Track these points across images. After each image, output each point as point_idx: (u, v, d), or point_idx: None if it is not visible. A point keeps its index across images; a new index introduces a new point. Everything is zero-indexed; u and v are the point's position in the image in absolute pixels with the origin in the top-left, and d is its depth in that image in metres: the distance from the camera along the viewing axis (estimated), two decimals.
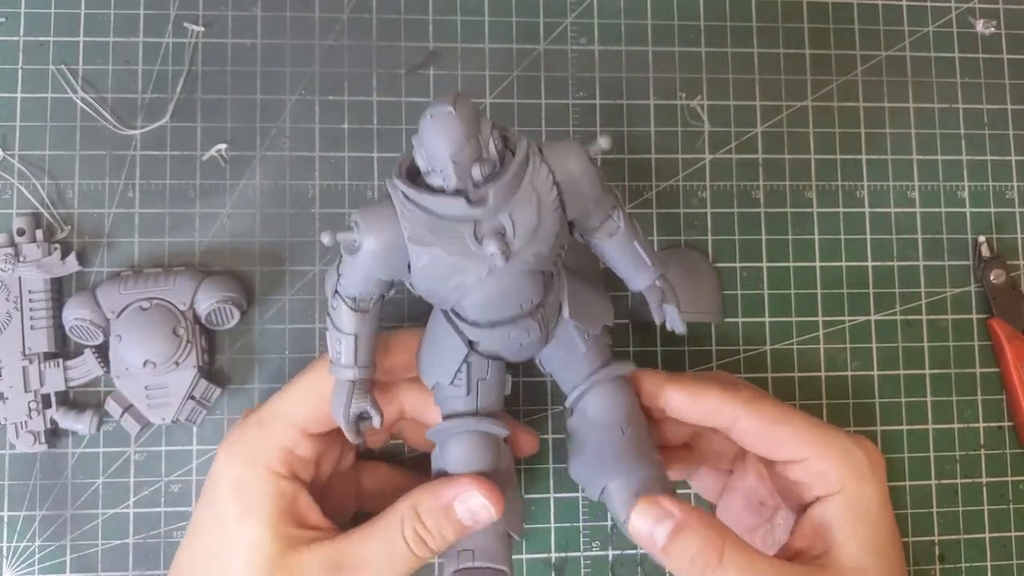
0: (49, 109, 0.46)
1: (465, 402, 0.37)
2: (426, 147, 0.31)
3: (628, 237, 0.36)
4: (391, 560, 0.36)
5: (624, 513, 0.36)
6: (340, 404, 0.36)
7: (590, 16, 0.49)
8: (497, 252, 0.31)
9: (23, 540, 0.44)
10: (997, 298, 0.48)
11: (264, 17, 0.47)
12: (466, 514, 0.36)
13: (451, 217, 0.32)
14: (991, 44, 0.51)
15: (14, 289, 0.43)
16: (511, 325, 0.35)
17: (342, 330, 0.35)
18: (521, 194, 0.32)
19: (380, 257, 0.33)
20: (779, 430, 0.38)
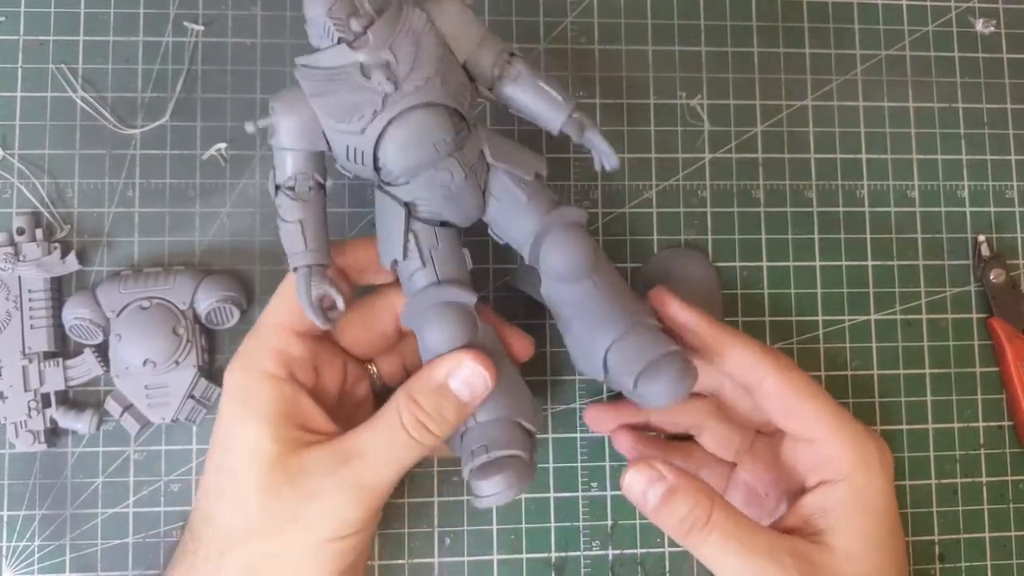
0: (49, 108, 0.46)
1: (424, 274, 0.38)
2: (309, 16, 0.34)
3: (532, 77, 0.38)
4: (393, 450, 0.36)
5: (632, 377, 0.36)
6: (302, 292, 0.37)
7: (590, 16, 0.49)
8: (383, 79, 0.34)
9: (23, 539, 0.44)
10: (997, 297, 0.48)
11: (264, 16, 0.47)
12: (462, 387, 0.36)
13: (340, 65, 0.35)
14: (991, 43, 0.51)
15: (14, 288, 0.43)
16: (432, 170, 0.36)
17: (288, 220, 0.37)
18: (400, 33, 0.35)
19: (296, 128, 0.36)
20: (801, 403, 0.39)
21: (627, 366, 0.37)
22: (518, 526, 0.46)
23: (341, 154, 0.36)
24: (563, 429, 0.47)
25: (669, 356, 0.37)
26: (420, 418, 0.36)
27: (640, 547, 0.46)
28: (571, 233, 0.37)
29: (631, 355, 0.37)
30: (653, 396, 0.36)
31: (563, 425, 0.47)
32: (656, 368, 0.36)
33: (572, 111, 0.38)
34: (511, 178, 0.38)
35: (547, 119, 0.38)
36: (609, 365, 0.37)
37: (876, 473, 0.38)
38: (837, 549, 0.36)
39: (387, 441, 0.36)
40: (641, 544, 0.46)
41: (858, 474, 0.37)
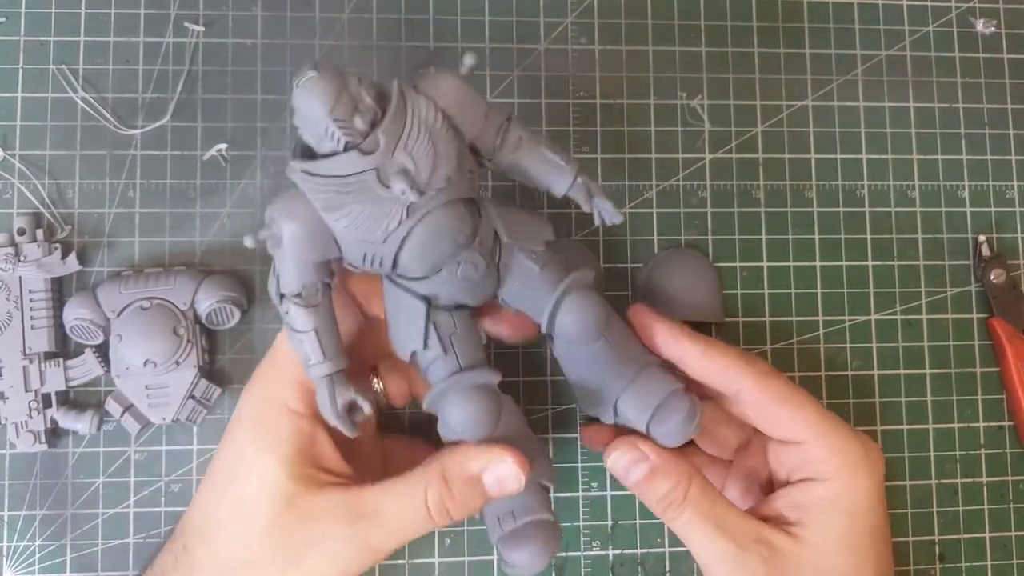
0: (49, 109, 0.46)
1: (446, 363, 0.37)
2: (305, 116, 0.31)
3: (534, 145, 0.37)
4: (410, 519, 0.36)
5: (643, 422, 0.38)
6: (325, 402, 0.35)
7: (590, 16, 0.49)
8: (406, 187, 0.31)
9: (23, 540, 0.44)
10: (997, 298, 0.48)
11: (264, 17, 0.47)
12: (494, 483, 0.36)
13: (353, 173, 0.32)
14: (991, 44, 0.51)
15: (14, 289, 0.43)
16: (454, 264, 0.35)
17: (300, 330, 0.35)
18: (410, 128, 0.32)
19: (303, 239, 0.34)
20: (783, 409, 0.39)
21: (638, 413, 0.38)
22: None
23: (356, 259, 0.35)
24: (563, 429, 0.47)
25: (675, 396, 0.38)
26: (446, 501, 0.36)
27: (640, 547, 0.46)
28: (586, 300, 0.37)
29: (640, 402, 0.38)
30: (666, 438, 0.38)
31: (563, 425, 0.47)
32: (664, 411, 0.37)
33: (576, 176, 0.38)
34: (524, 252, 0.37)
35: (551, 184, 0.38)
36: (620, 412, 0.38)
37: (860, 475, 0.38)
38: (804, 541, 0.37)
39: (406, 511, 0.36)
40: (641, 544, 0.46)
41: (840, 476, 0.38)
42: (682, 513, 0.37)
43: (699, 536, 0.37)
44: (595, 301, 0.38)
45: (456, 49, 0.48)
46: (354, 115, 0.31)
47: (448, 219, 0.34)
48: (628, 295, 0.47)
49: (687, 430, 0.38)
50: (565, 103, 0.48)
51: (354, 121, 0.31)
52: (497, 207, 0.37)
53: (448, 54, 0.48)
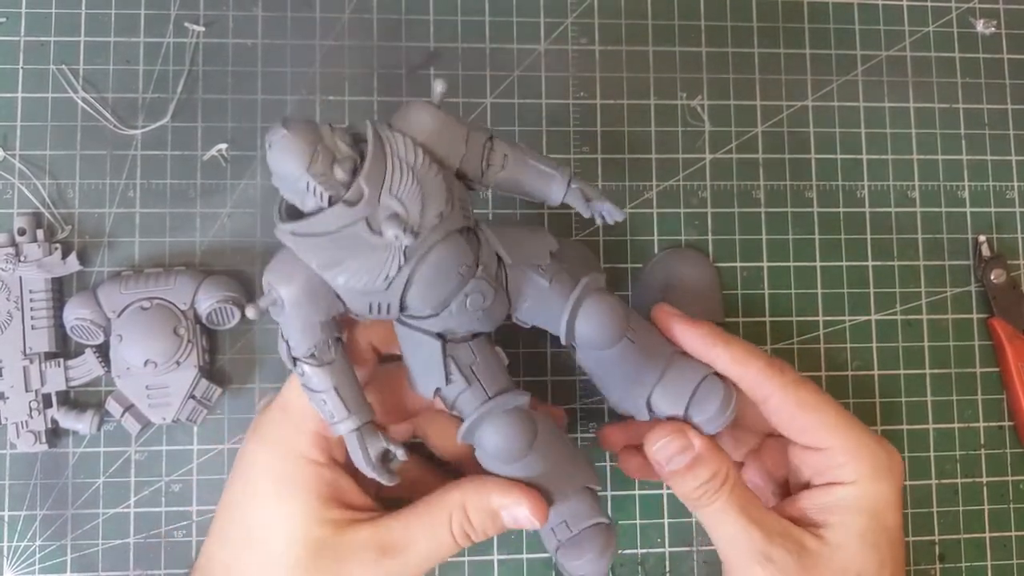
0: (50, 109, 0.46)
1: (472, 393, 0.36)
2: (282, 175, 0.30)
3: (520, 158, 0.36)
4: (436, 546, 0.37)
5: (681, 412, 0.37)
6: (358, 455, 0.35)
7: (590, 16, 0.49)
8: (398, 231, 0.30)
9: (24, 540, 0.44)
10: (997, 298, 0.48)
11: (265, 17, 0.47)
12: (510, 521, 0.37)
13: (342, 227, 0.31)
14: (991, 44, 0.51)
15: (15, 289, 0.43)
16: (462, 297, 0.34)
17: (319, 390, 0.34)
18: (392, 170, 0.31)
19: (304, 302, 0.33)
20: (809, 417, 0.39)
21: (674, 404, 0.38)
22: None
23: (361, 310, 0.34)
24: (567, 430, 0.47)
25: (709, 381, 0.38)
26: (466, 529, 0.37)
27: (640, 547, 0.46)
28: (602, 303, 0.37)
29: (674, 393, 0.38)
30: (707, 424, 0.38)
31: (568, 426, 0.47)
32: (701, 398, 0.37)
33: (570, 181, 0.37)
34: (531, 269, 0.37)
35: (546, 194, 0.37)
36: (655, 407, 0.38)
37: (884, 480, 0.38)
38: (829, 541, 0.37)
39: (432, 538, 0.37)
40: (641, 544, 0.46)
41: (864, 480, 0.38)
42: (716, 500, 0.37)
43: (730, 526, 0.37)
44: (611, 303, 0.37)
45: (456, 49, 0.48)
46: (333, 167, 0.30)
47: (448, 254, 0.33)
48: (628, 295, 0.47)
49: (725, 414, 0.38)
50: (565, 103, 0.48)
51: (334, 173, 0.30)
52: (495, 228, 0.37)
53: (448, 54, 0.48)
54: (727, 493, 0.37)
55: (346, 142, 0.31)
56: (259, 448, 0.37)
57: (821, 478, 0.39)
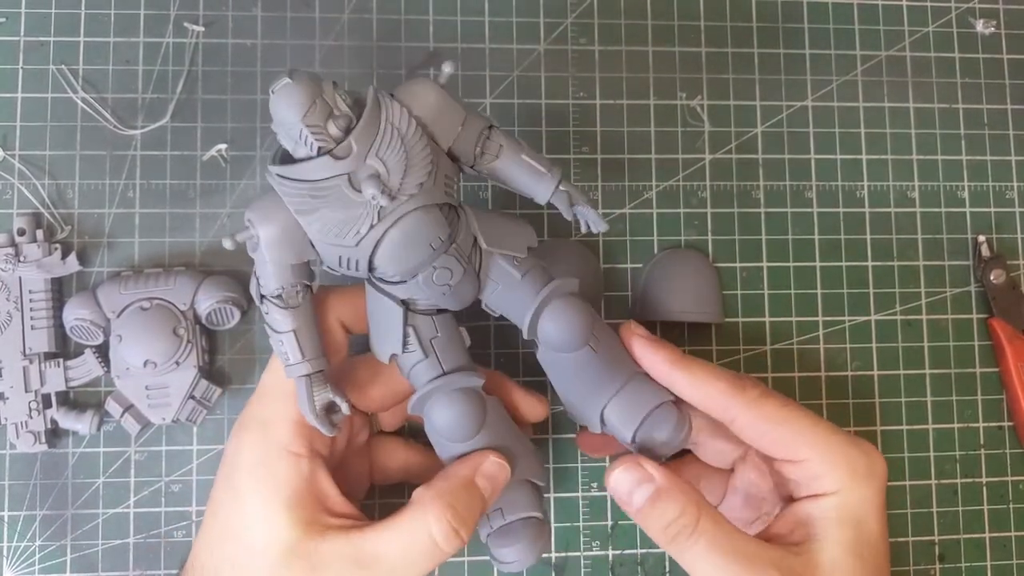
0: (49, 109, 0.46)
1: (427, 366, 0.37)
2: (279, 121, 0.32)
3: (514, 151, 0.37)
4: (415, 560, 0.36)
5: (630, 432, 0.37)
6: (304, 402, 0.36)
7: (590, 16, 0.49)
8: (376, 192, 0.32)
9: (23, 540, 0.44)
10: (997, 298, 0.48)
11: (264, 17, 0.47)
12: (486, 483, 0.36)
13: (325, 178, 0.32)
14: (991, 44, 0.51)
15: (14, 289, 0.43)
16: (431, 269, 0.35)
17: (280, 330, 0.35)
18: (383, 134, 0.33)
19: (279, 242, 0.34)
20: (780, 431, 0.38)
21: (624, 422, 0.37)
22: None
23: (332, 262, 0.35)
24: (562, 430, 0.47)
25: (663, 409, 0.38)
26: (455, 525, 0.36)
27: (640, 547, 0.46)
28: (569, 305, 0.37)
29: (627, 412, 0.37)
30: (653, 451, 0.37)
31: (562, 426, 0.47)
32: (652, 422, 0.37)
33: (558, 183, 0.37)
34: (505, 259, 0.37)
35: (534, 191, 0.37)
36: (607, 421, 0.38)
37: (864, 485, 0.37)
38: (821, 562, 0.36)
39: (410, 551, 0.36)
40: (641, 544, 0.46)
41: (845, 487, 0.37)
42: (695, 544, 0.35)
43: (715, 569, 0.35)
44: (578, 308, 0.37)
45: (456, 50, 0.48)
46: (328, 121, 0.32)
47: (422, 224, 0.34)
48: (628, 295, 0.47)
49: (675, 443, 0.37)
50: (565, 103, 0.48)
51: (327, 127, 0.32)
52: (480, 212, 0.37)
53: (447, 54, 0.48)
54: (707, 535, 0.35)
55: (346, 102, 0.33)
56: (241, 442, 0.37)
57: (802, 490, 0.38)
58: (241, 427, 0.38)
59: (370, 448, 0.43)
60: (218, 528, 0.37)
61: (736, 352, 0.48)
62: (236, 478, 0.37)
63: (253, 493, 0.36)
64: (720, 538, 0.35)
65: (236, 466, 0.37)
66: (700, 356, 0.47)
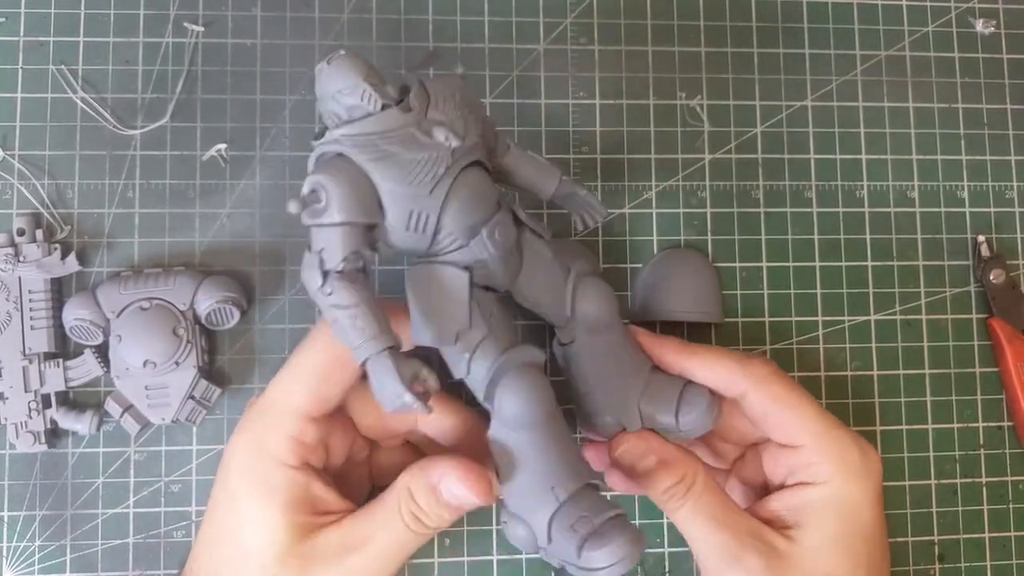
0: (49, 109, 0.46)
1: (492, 343, 0.36)
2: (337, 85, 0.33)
3: (520, 149, 0.40)
4: (393, 538, 0.36)
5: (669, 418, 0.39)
6: (392, 381, 0.32)
7: (590, 16, 0.49)
8: (449, 133, 0.34)
9: (23, 540, 0.44)
10: (997, 298, 0.48)
11: (264, 17, 0.47)
12: (451, 497, 0.36)
13: (396, 128, 0.34)
14: (991, 44, 0.51)
15: (14, 289, 0.43)
16: (492, 225, 0.36)
17: (347, 304, 0.33)
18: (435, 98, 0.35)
19: (352, 196, 0.33)
20: (783, 413, 0.39)
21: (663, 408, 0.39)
22: None
23: (401, 222, 0.34)
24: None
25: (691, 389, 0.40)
26: (416, 513, 0.36)
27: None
28: (600, 282, 0.40)
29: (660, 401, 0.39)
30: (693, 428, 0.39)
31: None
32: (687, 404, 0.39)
33: (562, 175, 0.40)
34: (536, 237, 0.39)
35: (541, 186, 0.40)
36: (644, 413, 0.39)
37: (857, 480, 0.38)
38: (800, 543, 0.38)
39: (389, 531, 0.36)
40: None
41: (836, 480, 0.38)
42: (683, 505, 0.38)
43: (698, 529, 0.38)
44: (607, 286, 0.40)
45: (456, 49, 0.48)
46: (385, 84, 0.34)
47: (484, 177, 0.36)
48: (628, 295, 0.47)
49: (712, 415, 0.39)
50: (565, 103, 0.48)
51: (386, 88, 0.34)
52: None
53: (448, 54, 0.48)
54: (696, 496, 0.38)
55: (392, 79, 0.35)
56: (239, 448, 0.38)
57: (794, 478, 0.39)
58: (239, 435, 0.38)
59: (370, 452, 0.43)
60: (215, 531, 0.38)
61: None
62: (233, 483, 0.37)
63: (249, 498, 0.37)
64: (707, 502, 0.38)
65: (233, 472, 0.37)
66: None
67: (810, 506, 0.38)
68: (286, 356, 0.45)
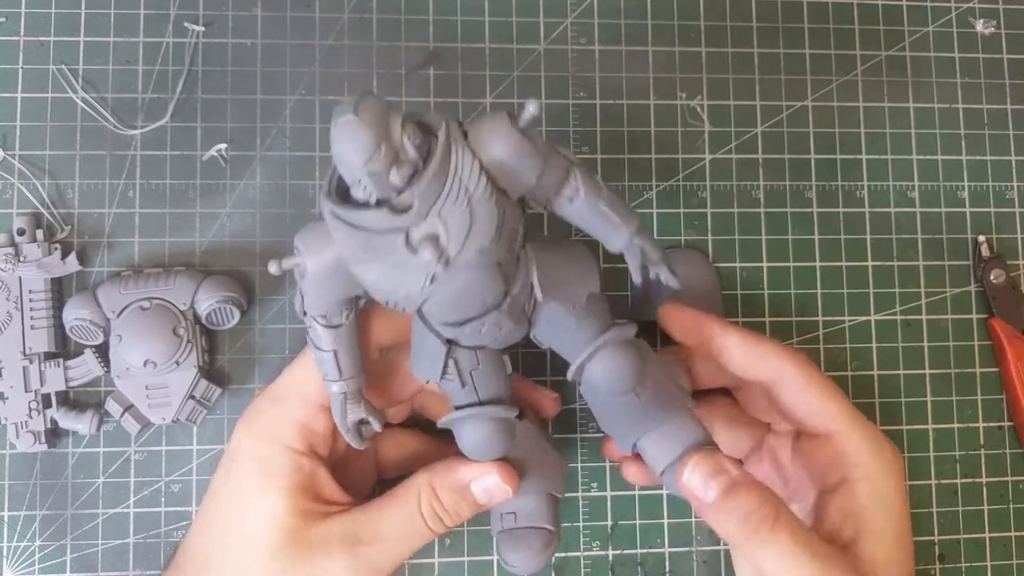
0: (49, 109, 0.46)
1: (465, 394, 0.36)
2: (339, 159, 0.29)
3: (591, 199, 0.33)
4: (407, 533, 0.37)
5: (662, 462, 0.36)
6: (338, 415, 0.37)
7: (590, 16, 0.49)
8: (432, 259, 0.29)
9: (23, 540, 0.44)
10: (997, 298, 0.48)
11: (264, 17, 0.47)
12: (482, 494, 0.37)
13: (381, 231, 0.30)
14: (991, 44, 0.51)
15: (14, 289, 0.43)
16: (480, 322, 0.33)
17: (321, 348, 0.35)
18: (448, 191, 0.29)
19: (325, 279, 0.32)
20: (821, 397, 0.39)
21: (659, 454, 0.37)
22: None
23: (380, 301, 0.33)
24: (563, 430, 0.47)
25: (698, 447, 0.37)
26: (437, 510, 0.37)
27: (640, 547, 0.46)
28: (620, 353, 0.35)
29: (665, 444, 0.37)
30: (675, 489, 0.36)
31: (563, 425, 0.47)
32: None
33: (633, 235, 0.34)
34: (563, 307, 0.35)
35: (605, 240, 0.34)
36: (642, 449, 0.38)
37: (892, 474, 0.38)
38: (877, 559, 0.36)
39: (403, 525, 0.37)
40: (641, 544, 0.46)
41: (876, 474, 0.38)
42: (776, 536, 0.33)
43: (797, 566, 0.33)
44: (628, 358, 0.35)
45: (456, 49, 0.48)
46: (391, 168, 0.29)
47: (477, 284, 0.32)
48: (628, 295, 0.47)
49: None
50: (565, 103, 0.48)
51: (390, 176, 0.29)
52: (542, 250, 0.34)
53: (448, 54, 0.48)
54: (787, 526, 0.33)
55: (415, 143, 0.29)
56: (244, 436, 0.38)
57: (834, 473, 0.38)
58: (246, 421, 0.38)
59: (376, 442, 0.43)
60: (212, 517, 0.38)
61: None
62: (235, 469, 0.37)
63: (252, 483, 0.37)
64: (802, 533, 0.34)
65: (237, 457, 0.38)
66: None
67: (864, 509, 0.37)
68: (286, 356, 0.45)
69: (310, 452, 0.38)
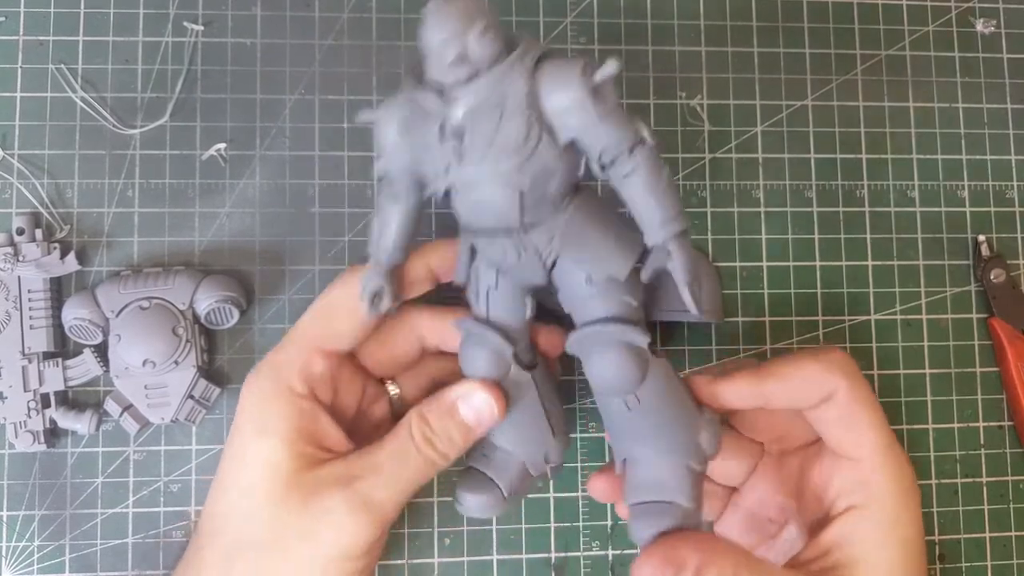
0: (49, 108, 0.46)
1: (477, 308, 0.38)
2: (421, 34, 0.32)
3: (645, 183, 0.32)
4: (403, 466, 0.37)
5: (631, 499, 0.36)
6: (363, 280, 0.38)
7: (590, 16, 0.49)
8: (450, 151, 0.32)
9: (22, 540, 0.44)
10: (997, 298, 0.48)
11: (264, 16, 0.47)
12: (470, 413, 0.37)
13: (426, 110, 0.33)
14: (991, 43, 0.51)
15: (13, 288, 0.43)
16: (492, 239, 0.35)
17: (375, 213, 0.37)
18: (490, 104, 0.32)
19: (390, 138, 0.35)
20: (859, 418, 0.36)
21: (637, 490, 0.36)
22: (518, 526, 0.46)
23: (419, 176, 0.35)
24: None
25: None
26: (428, 435, 0.37)
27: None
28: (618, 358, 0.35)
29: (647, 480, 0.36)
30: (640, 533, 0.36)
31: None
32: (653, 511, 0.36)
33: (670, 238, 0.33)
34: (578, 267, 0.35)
35: (644, 230, 0.33)
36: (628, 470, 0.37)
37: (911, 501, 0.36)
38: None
39: (398, 457, 0.37)
40: None
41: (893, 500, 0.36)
42: None
43: None
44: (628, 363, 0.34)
45: None
46: (453, 62, 0.31)
47: (492, 201, 0.33)
48: None
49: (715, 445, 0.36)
50: None
51: (449, 69, 0.31)
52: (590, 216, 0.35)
53: None
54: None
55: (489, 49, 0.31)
56: (247, 387, 0.38)
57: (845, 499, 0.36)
58: (254, 372, 0.39)
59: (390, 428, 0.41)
60: (224, 466, 0.38)
61: (736, 352, 0.48)
62: (239, 420, 0.38)
63: (252, 430, 0.37)
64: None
65: (241, 409, 0.38)
66: (700, 356, 0.47)
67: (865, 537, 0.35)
68: None
69: (311, 395, 0.38)
